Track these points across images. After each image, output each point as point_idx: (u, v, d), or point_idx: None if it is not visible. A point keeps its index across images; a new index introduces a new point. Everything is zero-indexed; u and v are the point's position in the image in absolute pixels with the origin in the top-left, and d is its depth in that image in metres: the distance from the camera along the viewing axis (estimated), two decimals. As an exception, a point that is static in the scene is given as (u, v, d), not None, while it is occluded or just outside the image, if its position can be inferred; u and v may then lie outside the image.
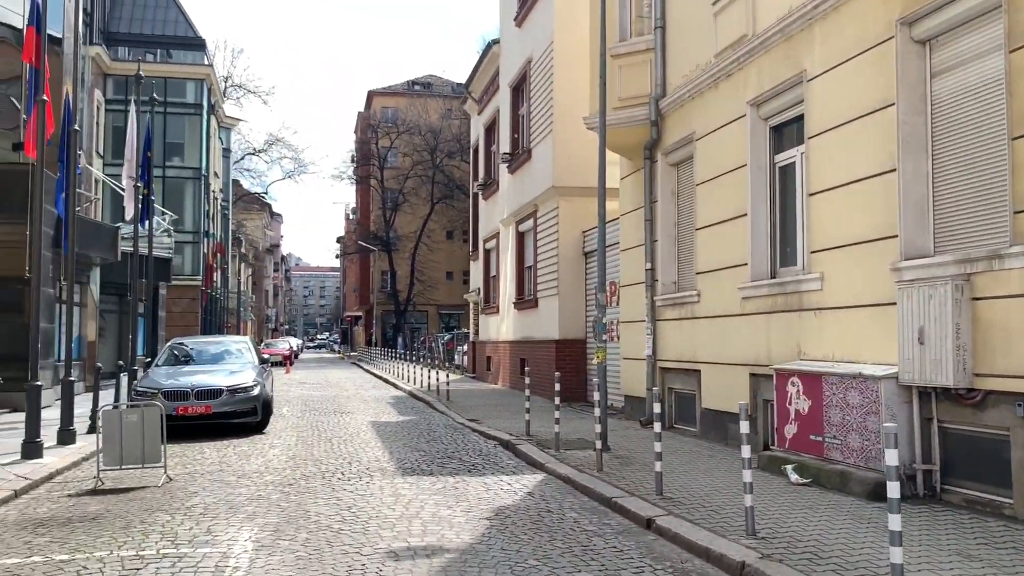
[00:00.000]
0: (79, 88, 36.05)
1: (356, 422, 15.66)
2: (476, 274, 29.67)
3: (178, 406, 12.84)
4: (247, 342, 16.11)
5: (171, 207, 41.77)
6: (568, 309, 18.78)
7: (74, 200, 12.35)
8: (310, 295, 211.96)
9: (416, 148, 62.88)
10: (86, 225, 19.39)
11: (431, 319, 71.74)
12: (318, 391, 24.90)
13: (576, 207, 18.90)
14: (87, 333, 21.23)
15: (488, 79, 26.53)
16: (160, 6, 44.81)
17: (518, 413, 16.35)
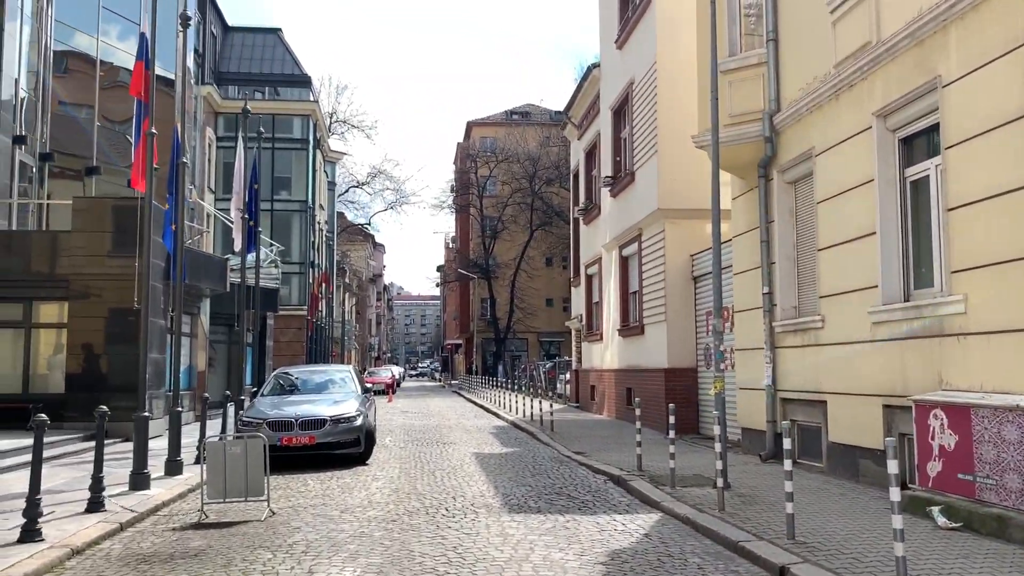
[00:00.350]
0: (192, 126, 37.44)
1: (459, 453, 15.30)
2: (578, 300, 29.14)
3: (282, 436, 12.74)
4: (350, 371, 16.03)
5: (279, 239, 42.84)
6: (677, 336, 18.04)
7: (182, 232, 12.48)
8: (411, 323, 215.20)
9: (515, 176, 63.04)
10: (196, 257, 19.81)
11: (531, 346, 71.42)
12: (420, 420, 24.74)
13: (683, 230, 18.23)
14: (198, 363, 21.65)
15: (588, 103, 26.14)
16: (268, 45, 46.34)
17: (626, 445, 15.71)
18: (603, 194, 23.54)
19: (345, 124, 67.35)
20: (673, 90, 18.33)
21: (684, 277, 18.18)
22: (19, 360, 16.78)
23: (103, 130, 22.19)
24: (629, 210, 20.74)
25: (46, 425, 7.74)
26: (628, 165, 20.91)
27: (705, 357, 17.47)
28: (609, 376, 23.22)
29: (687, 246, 18.16)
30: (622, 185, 21.06)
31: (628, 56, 21.06)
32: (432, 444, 17.05)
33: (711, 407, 17.17)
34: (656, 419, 18.73)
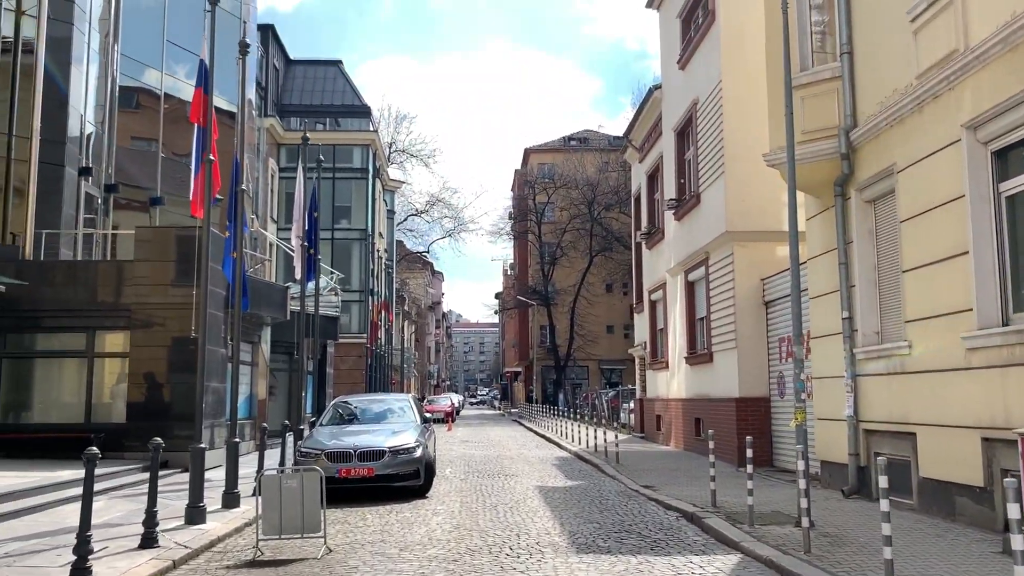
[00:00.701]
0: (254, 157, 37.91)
1: (522, 486, 14.78)
2: (641, 327, 28.47)
3: (341, 468, 12.40)
4: (409, 400, 15.69)
5: (339, 268, 43.08)
6: (748, 364, 17.31)
7: (242, 260, 12.29)
8: (470, 351, 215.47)
9: (573, 202, 62.62)
10: (257, 285, 19.77)
11: (592, 374, 70.56)
12: (480, 450, 24.28)
13: (753, 253, 17.55)
14: (258, 392, 21.57)
15: (649, 126, 25.64)
16: (328, 77, 46.94)
17: (697, 479, 15.03)
18: (667, 218, 22.97)
19: (404, 153, 67.96)
20: (740, 108, 17.76)
21: (755, 302, 17.47)
22: (82, 389, 16.81)
23: (167, 161, 22.45)
24: (694, 233, 20.12)
25: (98, 458, 7.50)
26: (693, 187, 20.33)
27: (779, 386, 16.72)
28: (676, 405, 22.49)
29: (757, 270, 17.48)
30: (687, 208, 20.47)
31: (691, 76, 20.55)
32: (493, 476, 16.57)
33: (786, 438, 16.42)
34: (727, 451, 17.99)
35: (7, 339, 16.90)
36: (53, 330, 17.04)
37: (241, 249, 12.21)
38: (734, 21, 18.10)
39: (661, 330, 25.14)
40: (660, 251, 24.62)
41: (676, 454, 20.61)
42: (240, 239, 12.22)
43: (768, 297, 17.25)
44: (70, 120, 18.09)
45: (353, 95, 46.23)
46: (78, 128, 18.69)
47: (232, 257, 12.15)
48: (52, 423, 16.64)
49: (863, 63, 12.19)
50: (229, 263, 12.33)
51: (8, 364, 16.87)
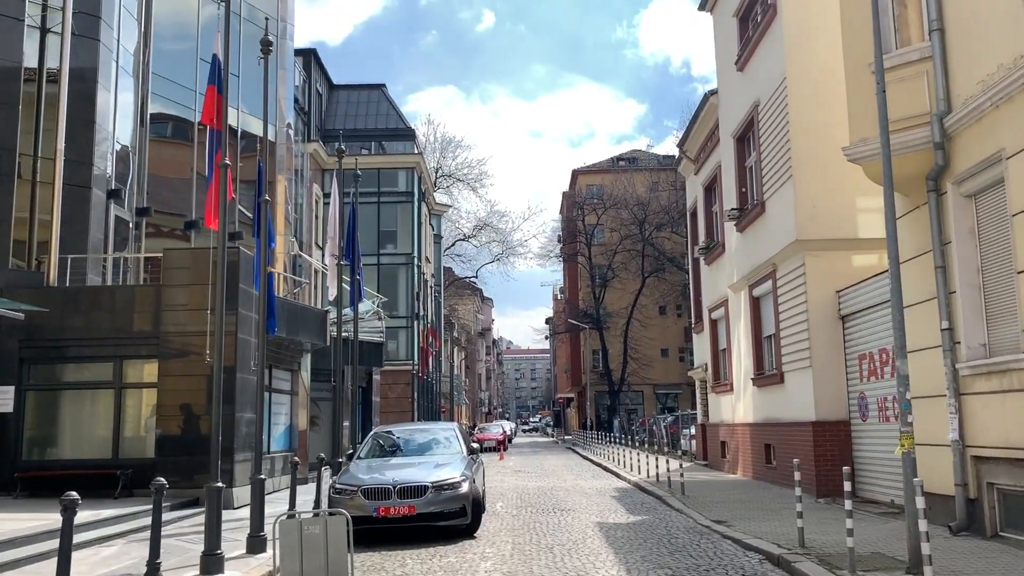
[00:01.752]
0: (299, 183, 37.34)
1: (580, 523, 13.39)
2: (701, 348, 26.91)
3: (379, 506, 11.17)
4: (455, 429, 14.41)
5: (385, 293, 42.21)
6: (825, 384, 15.75)
7: (265, 277, 11.20)
8: (521, 377, 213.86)
9: (623, 223, 61.22)
10: (294, 309, 18.79)
11: (647, 399, 68.68)
12: (533, 481, 22.90)
13: (826, 263, 16.04)
14: (298, 422, 20.51)
15: (705, 134, 24.27)
16: (372, 101, 46.43)
17: (773, 512, 13.52)
18: (727, 230, 21.52)
19: (451, 178, 67.29)
20: (807, 106, 16.36)
21: (830, 316, 15.93)
22: (109, 423, 15.89)
23: (203, 184, 21.64)
24: (759, 244, 18.65)
25: (77, 504, 6.39)
26: (756, 195, 18.91)
27: (861, 407, 15.12)
28: (742, 431, 20.89)
29: (832, 281, 15.95)
30: (750, 217, 19.02)
31: (751, 77, 19.18)
32: (548, 511, 15.20)
33: (871, 466, 14.82)
34: (803, 480, 16.36)
35: (31, 370, 16.07)
36: (79, 360, 16.18)
37: (264, 264, 11.11)
38: (798, 13, 16.74)
39: (723, 351, 23.59)
40: (720, 266, 23.14)
41: (745, 483, 19.01)
42: (265, 254, 11.13)
43: (845, 311, 15.71)
44: (97, 140, 17.35)
45: (397, 118, 45.64)
46: (106, 149, 17.95)
47: (269, 273, 11.05)
48: (78, 459, 15.72)
49: (958, 39, 10.76)
50: (257, 281, 11.26)
51: (32, 397, 16.03)
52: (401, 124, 45.42)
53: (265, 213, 10.93)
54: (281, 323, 17.47)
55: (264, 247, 11.04)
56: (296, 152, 37.17)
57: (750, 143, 19.90)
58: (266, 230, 11.01)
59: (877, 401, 14.42)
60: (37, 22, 17.04)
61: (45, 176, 16.75)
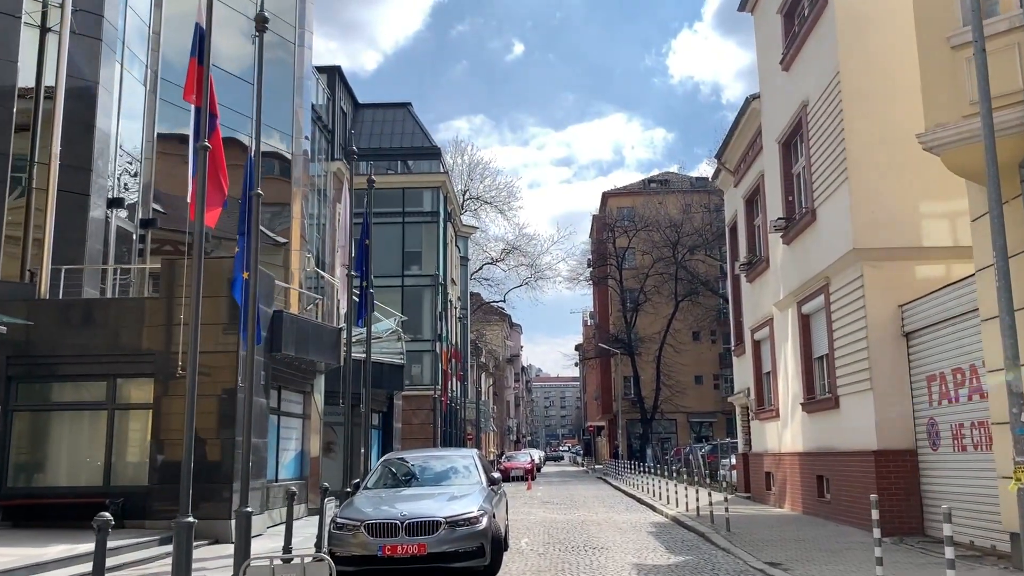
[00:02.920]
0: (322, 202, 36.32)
1: (615, 564, 11.83)
2: (742, 372, 25.26)
3: (385, 544, 9.71)
4: (474, 457, 12.89)
5: (409, 315, 40.92)
6: (888, 409, 14.11)
7: (255, 280, 9.84)
8: (551, 405, 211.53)
9: (656, 245, 59.54)
10: (305, 326, 17.49)
11: (680, 428, 66.66)
12: (563, 513, 21.32)
13: (887, 274, 14.47)
14: (310, 448, 19.14)
15: (746, 143, 22.82)
16: (397, 120, 45.50)
17: (834, 554, 11.91)
18: (772, 243, 19.98)
19: (478, 201, 66.21)
20: (862, 103, 14.92)
21: (892, 334, 14.33)
22: (100, 447, 14.62)
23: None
24: (809, 256, 17.11)
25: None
26: (806, 202, 17.40)
27: (931, 435, 13.46)
28: (790, 461, 19.21)
29: (893, 294, 14.38)
30: (799, 227, 17.49)
31: (798, 76, 17.74)
32: (579, 550, 13.65)
33: (944, 501, 13.08)
34: (860, 515, 14.72)
35: (19, 389, 14.86)
36: (70, 379, 14.97)
37: (255, 266, 9.76)
38: (851, 1, 15.33)
39: (767, 374, 21.95)
40: (764, 283, 21.57)
41: (795, 519, 17.31)
42: (254, 255, 9.80)
43: (910, 327, 14.10)
44: (97, 146, 16.23)
45: (423, 136, 44.61)
46: (109, 156, 16.82)
47: (244, 277, 9.73)
48: (67, 486, 14.49)
49: (1054, 7, 9.28)
50: (239, 284, 9.95)
51: (19, 419, 14.80)
52: (427, 142, 44.38)
53: (257, 210, 9.63)
54: (289, 341, 16.19)
55: (254, 248, 9.70)
56: (319, 172, 36.20)
57: (797, 148, 18.43)
58: (257, 230, 9.68)
59: (951, 428, 12.77)
60: (36, 20, 16.04)
61: (41, 183, 15.65)
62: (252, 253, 9.62)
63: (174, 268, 14.69)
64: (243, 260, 9.90)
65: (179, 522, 8.04)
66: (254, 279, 9.60)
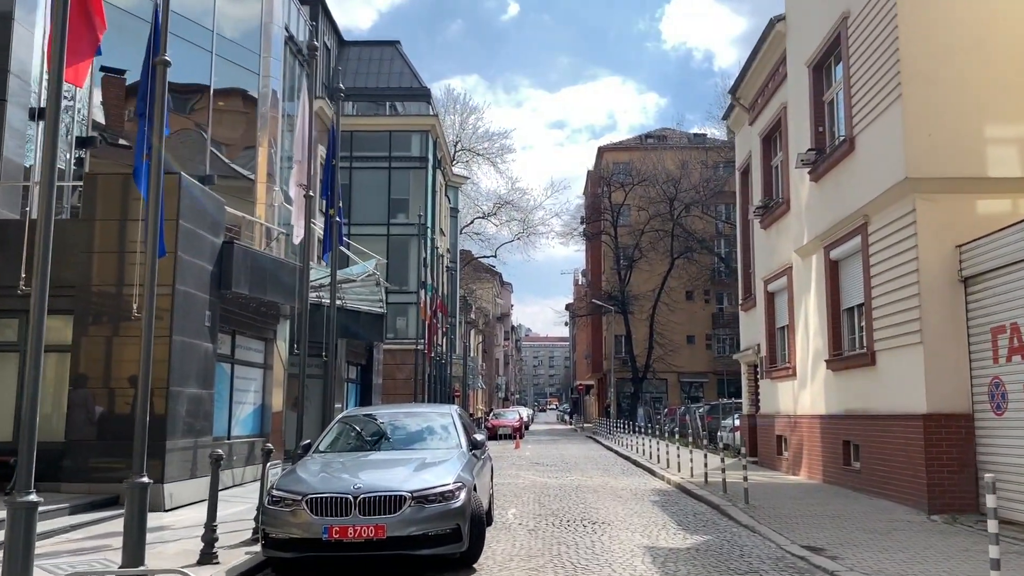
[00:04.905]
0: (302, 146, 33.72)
1: (622, 548, 9.77)
2: (750, 328, 23.17)
3: (332, 525, 7.58)
4: (453, 414, 10.64)
5: (394, 266, 38.63)
6: (941, 366, 12.03)
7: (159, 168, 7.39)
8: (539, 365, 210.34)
9: (652, 201, 57.34)
10: (261, 262, 15.18)
11: (671, 388, 64.93)
12: (554, 477, 19.34)
13: (944, 209, 12.31)
14: (273, 403, 16.97)
15: (766, 73, 20.47)
16: (385, 59, 42.81)
17: (883, 535, 9.96)
18: (795, 182, 17.77)
19: (470, 152, 63.70)
20: (921, 5, 12.62)
21: (947, 279, 12.20)
22: (11, 396, 12.40)
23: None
24: (844, 193, 14.93)
25: None
26: (843, 130, 15.15)
27: (994, 397, 11.39)
28: (809, 424, 17.19)
29: (952, 233, 12.24)
30: (832, 160, 15.27)
31: (836, -15, 15.38)
32: (576, 524, 11.59)
33: (1007, 475, 11.09)
34: (899, 487, 12.75)
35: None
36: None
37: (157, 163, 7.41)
38: None
39: (783, 328, 19.86)
40: (783, 228, 19.39)
41: (817, 489, 15.32)
42: (159, 136, 7.43)
43: (969, 271, 11.97)
44: (16, 42, 13.70)
45: (412, 77, 41.94)
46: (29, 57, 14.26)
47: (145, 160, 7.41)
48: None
49: None
50: (143, 171, 7.61)
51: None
52: (416, 83, 41.73)
53: (163, 82, 7.31)
54: (242, 277, 13.97)
55: (157, 129, 7.37)
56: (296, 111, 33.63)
57: (830, 71, 16.17)
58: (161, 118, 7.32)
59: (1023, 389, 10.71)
60: None
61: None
62: (156, 132, 7.28)
63: (97, 184, 12.34)
64: (145, 140, 7.55)
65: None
66: (157, 167, 7.28)
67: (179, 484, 12.08)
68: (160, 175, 7.27)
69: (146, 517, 6.83)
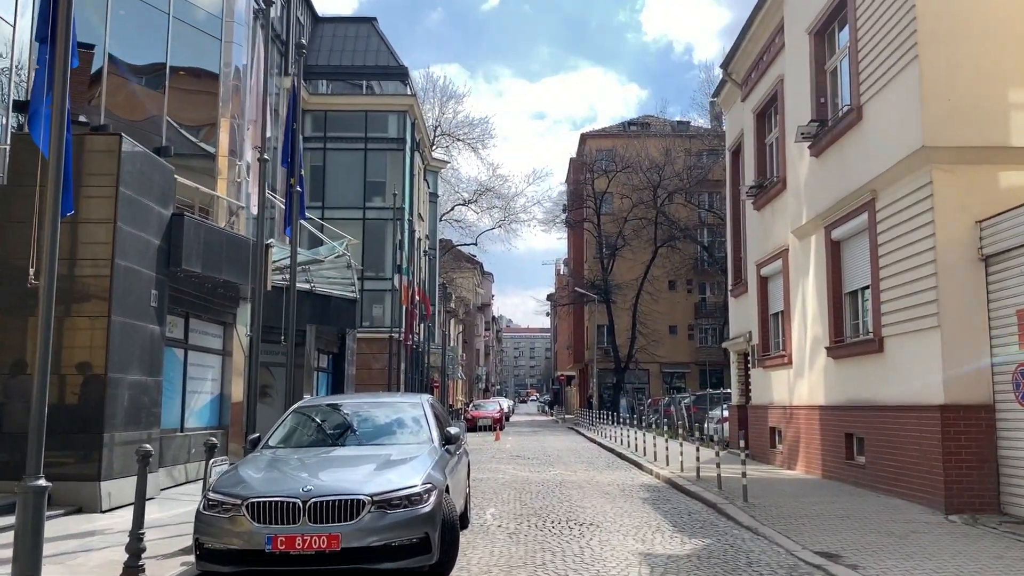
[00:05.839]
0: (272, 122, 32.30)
1: (614, 554, 8.67)
2: (741, 314, 22.15)
3: (276, 534, 6.42)
4: (424, 405, 9.38)
5: (371, 252, 37.37)
6: (960, 352, 11.02)
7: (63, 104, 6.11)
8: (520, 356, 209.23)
9: (635, 188, 56.38)
10: (218, 237, 13.90)
11: (653, 378, 64.10)
12: (536, 472, 18.25)
13: (963, 181, 11.29)
14: (232, 392, 15.74)
15: (762, 43, 19.38)
16: (361, 36, 41.40)
17: (901, 539, 8.95)
18: (793, 158, 16.72)
19: (450, 137, 62.37)
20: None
21: (967, 257, 11.18)
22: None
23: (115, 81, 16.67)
24: (848, 168, 13.88)
25: None
26: (849, 99, 14.09)
27: (1019, 386, 10.38)
28: (807, 415, 16.19)
29: (970, 207, 11.22)
30: (836, 132, 14.21)
31: (841, -56, 14.29)
32: (562, 526, 10.49)
33: None
34: (911, 484, 11.75)
35: None
36: None
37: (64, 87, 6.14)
38: None
39: (778, 315, 18.86)
40: (778, 208, 18.35)
41: (818, 485, 14.31)
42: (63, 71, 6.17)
43: (991, 248, 10.96)
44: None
45: (388, 55, 40.54)
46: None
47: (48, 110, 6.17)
48: None
49: None
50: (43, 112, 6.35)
51: None
52: (393, 61, 40.35)
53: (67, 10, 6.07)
54: (193, 254, 12.73)
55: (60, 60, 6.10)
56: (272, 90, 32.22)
57: (834, 37, 15.11)
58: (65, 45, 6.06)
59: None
60: None
61: None
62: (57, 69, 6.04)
63: (21, 145, 11.04)
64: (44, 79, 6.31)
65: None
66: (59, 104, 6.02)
67: (121, 481, 10.86)
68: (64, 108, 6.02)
69: (42, 525, 5.67)
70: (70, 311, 10.57)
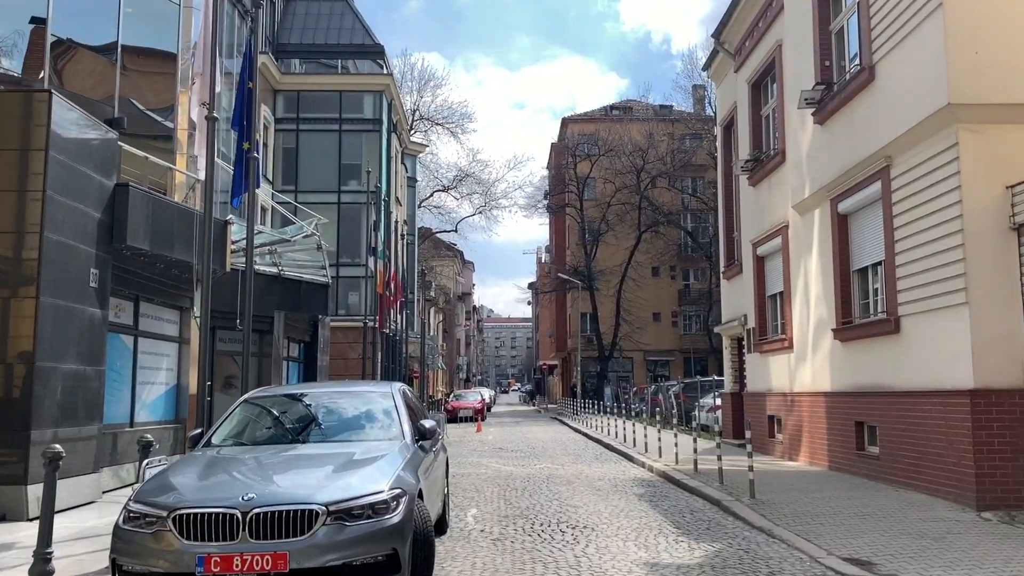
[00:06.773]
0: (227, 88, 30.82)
1: (614, 564, 7.53)
2: (735, 297, 21.08)
3: (210, 555, 5.23)
4: (395, 395, 8.06)
5: (346, 237, 36.06)
6: (991, 332, 9.97)
7: None
8: (501, 346, 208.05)
9: (618, 172, 55.31)
10: (169, 212, 12.55)
11: (637, 366, 63.07)
12: (521, 466, 17.12)
13: (994, 142, 10.23)
14: (189, 382, 14.46)
15: (757, 8, 18.25)
16: (335, 13, 39.91)
17: (937, 540, 7.86)
18: (795, 127, 15.62)
19: (429, 121, 60.95)
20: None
21: (996, 227, 10.13)
22: None
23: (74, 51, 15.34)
24: (858, 134, 12.78)
25: None
26: (861, 59, 12.98)
27: (1060, 369, 9.33)
28: (810, 403, 15.14)
29: (1001, 172, 10.16)
30: (846, 95, 13.10)
31: None
32: (552, 530, 9.34)
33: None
34: (932, 478, 10.71)
35: None
36: None
37: None
38: None
39: (775, 296, 17.81)
40: (777, 182, 17.26)
41: (827, 478, 13.26)
42: None
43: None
44: None
45: (364, 33, 39.08)
46: None
47: None
48: None
49: None
50: None
51: None
52: (368, 39, 38.90)
53: None
54: (139, 230, 11.44)
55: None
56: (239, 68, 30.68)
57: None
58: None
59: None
60: None
61: None
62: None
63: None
64: None
65: None
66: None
67: (53, 485, 9.59)
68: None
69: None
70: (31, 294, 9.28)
